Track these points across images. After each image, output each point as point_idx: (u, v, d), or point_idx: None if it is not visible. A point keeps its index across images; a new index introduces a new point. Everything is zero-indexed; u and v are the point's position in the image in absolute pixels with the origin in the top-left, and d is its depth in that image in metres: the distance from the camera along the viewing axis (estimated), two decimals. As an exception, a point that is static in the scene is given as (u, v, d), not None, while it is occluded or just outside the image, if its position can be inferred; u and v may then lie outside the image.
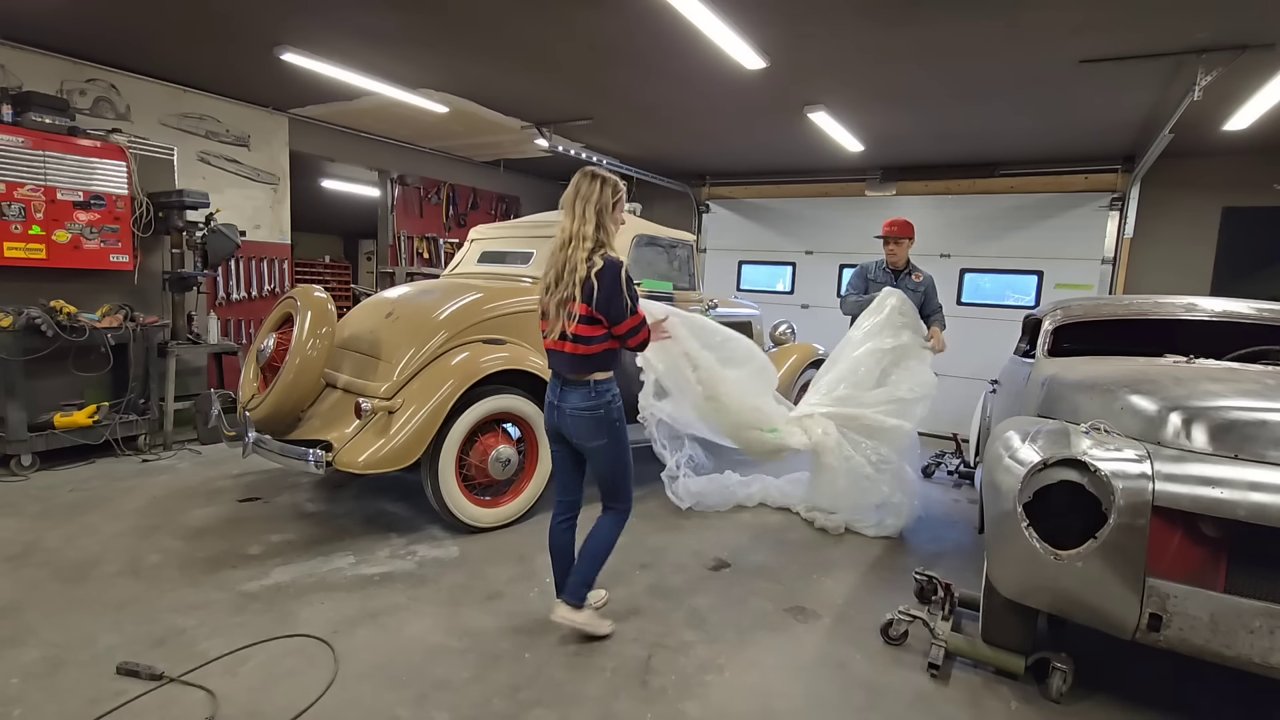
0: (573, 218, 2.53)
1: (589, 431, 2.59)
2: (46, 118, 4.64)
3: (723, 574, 3.47)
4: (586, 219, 2.50)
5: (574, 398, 2.57)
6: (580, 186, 2.55)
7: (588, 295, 2.45)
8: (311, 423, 3.77)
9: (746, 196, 8.94)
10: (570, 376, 2.58)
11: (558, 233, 2.58)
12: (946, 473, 5.71)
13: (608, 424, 2.58)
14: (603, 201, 2.53)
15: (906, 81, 4.78)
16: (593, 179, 2.55)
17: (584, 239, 2.49)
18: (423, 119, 6.48)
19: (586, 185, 2.54)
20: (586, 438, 2.61)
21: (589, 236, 2.49)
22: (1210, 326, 3.42)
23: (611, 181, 2.58)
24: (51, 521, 3.70)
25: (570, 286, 2.47)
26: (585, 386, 2.56)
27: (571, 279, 2.47)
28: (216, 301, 6.31)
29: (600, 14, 3.89)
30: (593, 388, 2.56)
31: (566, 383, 2.60)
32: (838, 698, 2.46)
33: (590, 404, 2.56)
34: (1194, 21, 3.60)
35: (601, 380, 2.58)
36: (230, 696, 2.28)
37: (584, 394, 2.56)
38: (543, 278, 2.61)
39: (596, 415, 2.56)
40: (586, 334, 2.50)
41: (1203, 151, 6.22)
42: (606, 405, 2.58)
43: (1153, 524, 1.98)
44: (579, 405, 2.57)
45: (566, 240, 2.53)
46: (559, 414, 2.64)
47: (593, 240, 2.49)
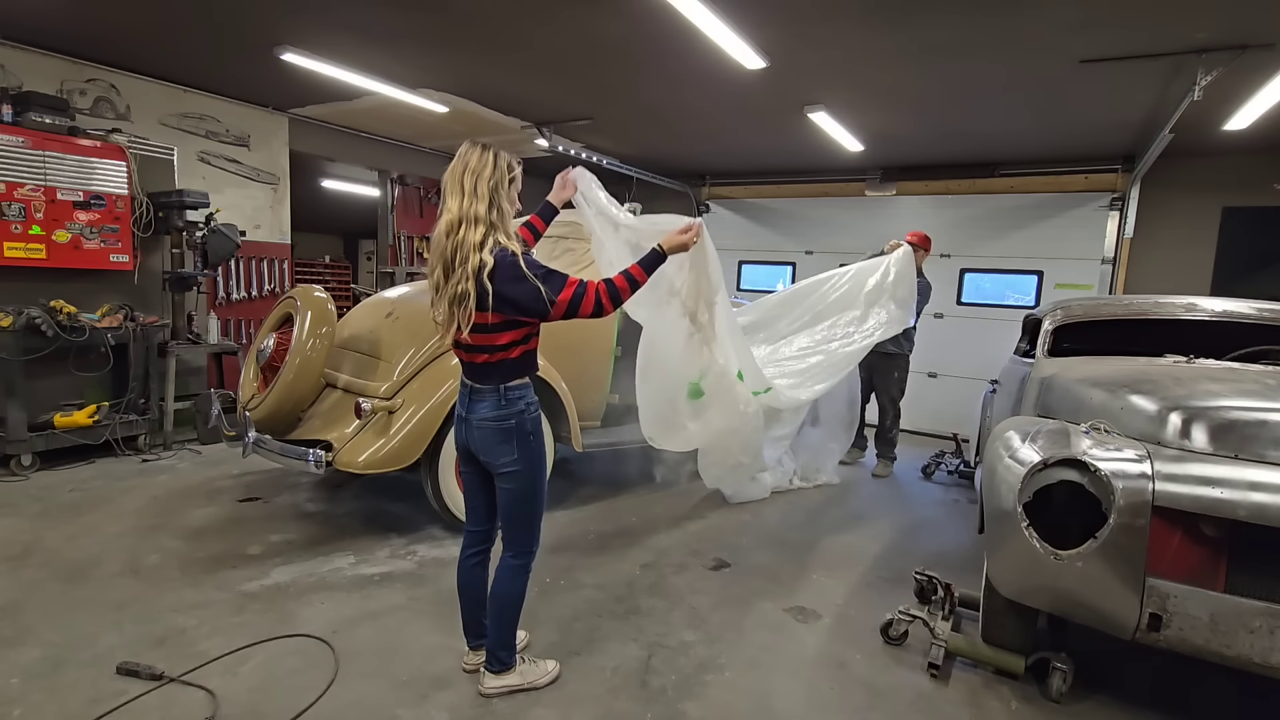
0: (460, 195, 2.08)
1: (495, 447, 2.21)
2: (46, 118, 4.64)
3: (723, 574, 3.47)
4: (478, 196, 2.07)
5: (481, 407, 2.21)
6: (468, 160, 2.12)
7: (482, 300, 2.03)
8: (311, 423, 3.77)
9: (746, 196, 8.94)
10: (476, 383, 2.23)
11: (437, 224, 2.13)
12: (946, 473, 5.71)
13: (519, 438, 2.20)
14: (499, 177, 2.12)
15: (906, 81, 4.78)
16: (484, 150, 2.14)
17: (476, 221, 2.06)
18: (423, 119, 6.48)
19: (477, 157, 2.12)
20: (493, 454, 2.22)
21: (481, 218, 2.06)
22: (1210, 326, 3.42)
23: (505, 156, 2.18)
24: (51, 521, 3.70)
25: (464, 280, 2.03)
26: (494, 394, 2.19)
27: (464, 270, 2.03)
28: (216, 301, 6.31)
29: (600, 14, 3.89)
30: (502, 395, 2.19)
31: (474, 391, 2.23)
32: (838, 698, 2.46)
33: (498, 413, 2.19)
34: (1194, 21, 3.60)
35: (514, 386, 2.20)
36: (230, 696, 2.28)
37: (492, 402, 2.19)
38: (429, 273, 2.17)
39: (505, 427, 2.19)
40: (488, 342, 2.12)
41: (1203, 151, 6.21)
42: (518, 416, 2.20)
43: (1153, 524, 1.98)
44: (485, 416, 2.20)
45: (454, 223, 2.06)
46: (466, 427, 2.27)
47: (485, 223, 2.07)
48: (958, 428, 6.26)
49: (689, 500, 4.54)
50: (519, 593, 2.33)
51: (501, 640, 2.34)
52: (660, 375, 3.80)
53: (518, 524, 2.29)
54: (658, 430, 3.85)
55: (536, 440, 2.24)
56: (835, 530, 4.20)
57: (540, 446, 2.26)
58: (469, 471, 2.38)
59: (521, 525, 2.29)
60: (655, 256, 2.27)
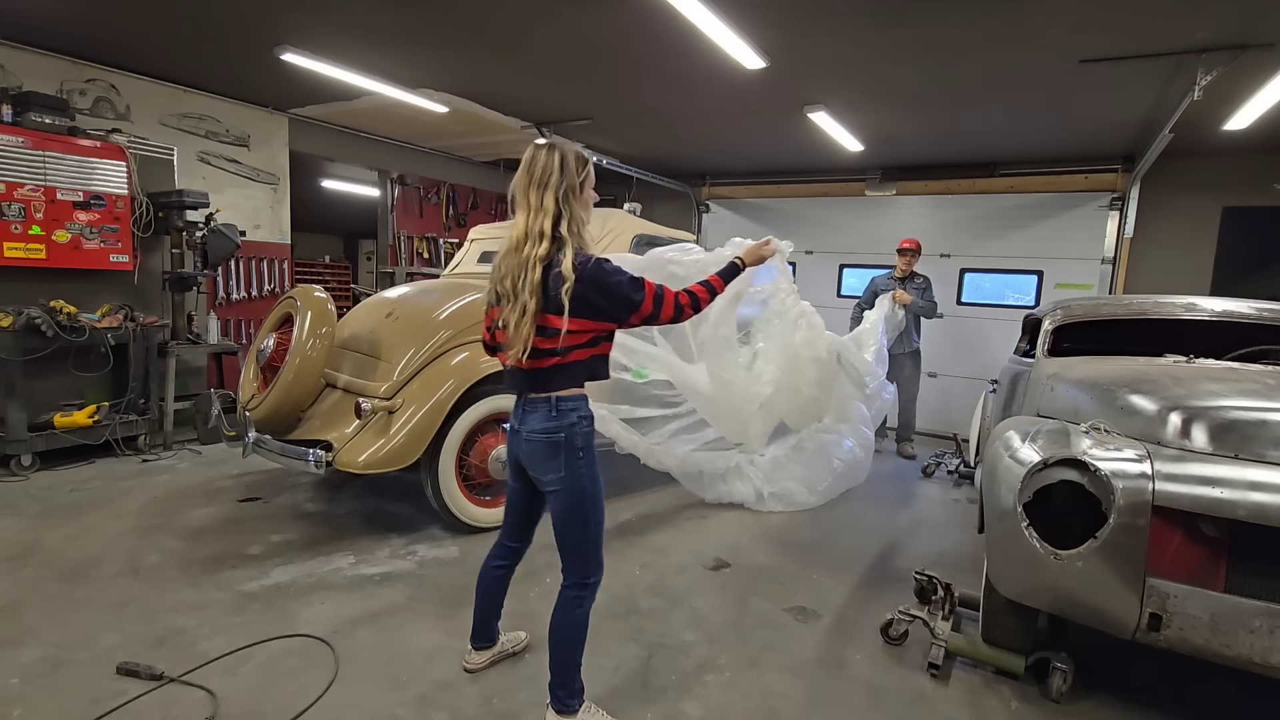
0: (525, 210, 1.97)
1: (543, 462, 2.05)
2: (46, 118, 4.64)
3: (723, 574, 3.47)
4: (544, 210, 1.94)
5: (532, 419, 2.06)
6: (534, 167, 1.97)
7: (554, 306, 1.92)
8: (311, 423, 3.77)
9: (746, 196, 8.94)
10: (531, 393, 2.07)
11: (511, 232, 2.02)
12: (946, 473, 5.71)
13: (567, 453, 2.02)
14: (569, 184, 1.97)
15: (906, 81, 4.78)
16: (550, 154, 1.97)
17: (540, 237, 1.93)
18: (423, 119, 6.48)
19: (542, 166, 1.96)
20: (540, 469, 2.07)
21: (546, 233, 1.94)
22: (1210, 326, 3.42)
23: (574, 155, 2.00)
24: (51, 521, 3.70)
25: (527, 298, 1.92)
26: (546, 405, 2.03)
27: (525, 289, 1.92)
28: (216, 301, 6.31)
29: (600, 14, 3.89)
30: (554, 405, 2.02)
31: (527, 402, 2.09)
32: (838, 698, 2.46)
33: (549, 425, 2.02)
34: (1194, 21, 3.60)
35: (566, 397, 2.03)
36: (230, 696, 2.28)
37: (543, 414, 2.03)
38: (494, 281, 2.08)
39: (553, 441, 2.02)
40: (558, 345, 1.96)
41: (1203, 151, 6.21)
42: (568, 430, 2.02)
43: (1153, 524, 1.98)
44: (535, 428, 2.05)
45: (520, 240, 1.96)
46: (517, 440, 2.14)
47: (551, 238, 1.94)
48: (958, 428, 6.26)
49: (689, 500, 4.54)
50: (578, 626, 2.10)
51: (560, 679, 2.11)
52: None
53: (569, 548, 2.10)
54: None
55: (586, 457, 2.05)
56: (835, 530, 4.20)
57: (589, 465, 2.06)
58: (515, 488, 2.28)
59: (573, 550, 2.10)
60: (734, 268, 2.29)
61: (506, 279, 2.00)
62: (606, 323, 2.02)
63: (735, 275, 2.29)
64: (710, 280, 2.20)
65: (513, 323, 1.97)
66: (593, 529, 2.09)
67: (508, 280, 1.99)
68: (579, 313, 1.93)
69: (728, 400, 4.15)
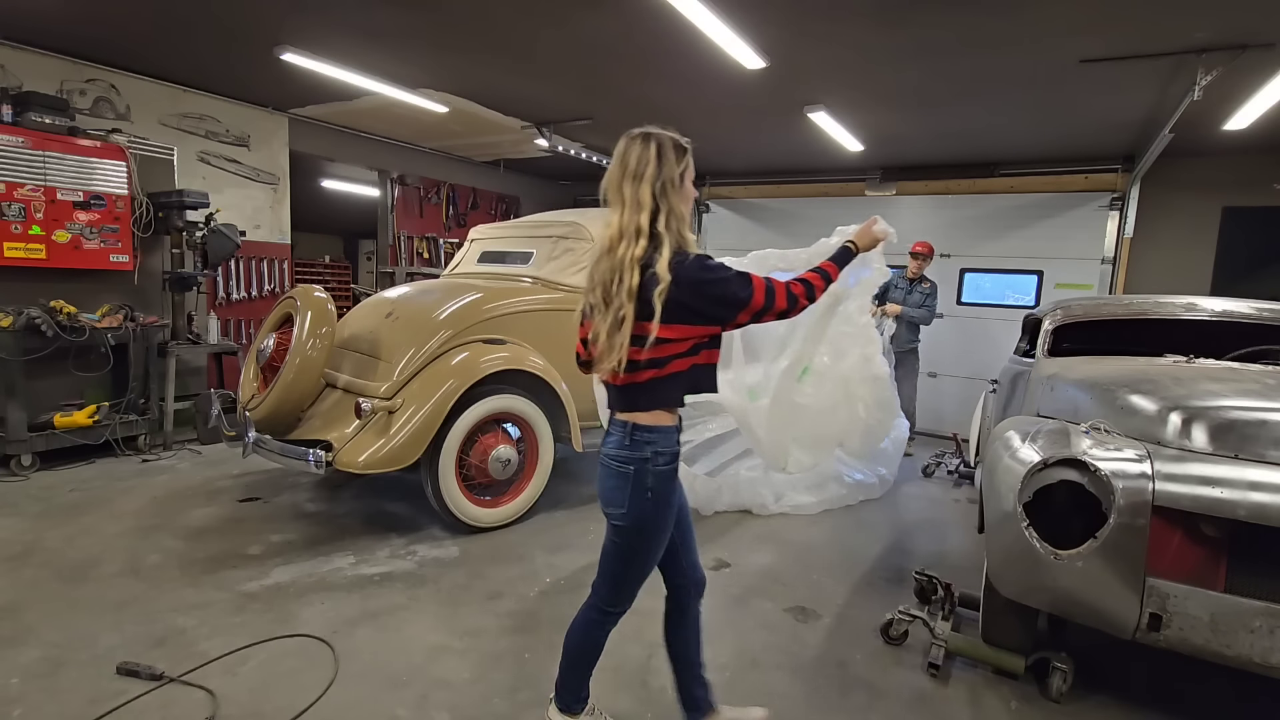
0: (620, 207, 1.78)
1: (610, 491, 1.84)
2: (46, 118, 4.64)
3: (722, 574, 3.47)
4: (639, 206, 1.75)
5: (611, 440, 1.87)
6: (627, 162, 1.78)
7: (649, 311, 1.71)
8: (311, 423, 3.77)
9: (746, 196, 8.94)
10: (616, 413, 1.88)
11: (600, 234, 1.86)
12: (947, 473, 5.71)
13: (634, 489, 1.79)
14: (666, 176, 1.78)
15: (907, 81, 4.78)
16: (645, 144, 1.78)
17: (636, 235, 1.74)
18: (423, 119, 6.48)
19: (636, 157, 1.77)
20: (606, 499, 1.86)
21: (642, 230, 1.74)
22: (1210, 326, 3.42)
23: (670, 144, 1.81)
24: (51, 521, 3.70)
25: (623, 304, 1.72)
26: (623, 429, 1.83)
27: (620, 295, 1.73)
28: (216, 301, 6.31)
29: (600, 14, 3.89)
30: (629, 433, 1.81)
31: (611, 420, 1.91)
32: (838, 698, 2.46)
33: (621, 454, 1.82)
34: (1194, 21, 3.60)
35: (646, 426, 1.80)
36: (230, 696, 2.28)
37: (619, 437, 1.83)
38: (586, 292, 1.88)
39: (623, 473, 1.80)
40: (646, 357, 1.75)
41: (1203, 151, 6.21)
42: (641, 464, 1.79)
43: (1153, 524, 1.97)
44: (609, 451, 1.86)
45: (615, 240, 1.77)
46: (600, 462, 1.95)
47: (648, 235, 1.75)
48: (957, 428, 6.26)
49: (689, 500, 4.54)
50: (594, 646, 2.02)
51: (568, 683, 2.04)
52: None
53: (606, 574, 1.96)
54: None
55: (657, 499, 1.81)
56: (835, 530, 4.20)
57: (657, 509, 1.83)
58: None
59: (609, 578, 1.96)
60: (847, 252, 2.11)
61: (598, 288, 1.80)
62: (709, 326, 1.80)
63: (849, 260, 2.10)
64: (823, 266, 1.99)
65: (604, 333, 1.77)
66: (635, 569, 1.92)
67: (598, 289, 1.79)
68: (676, 317, 1.72)
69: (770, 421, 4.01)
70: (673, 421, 1.84)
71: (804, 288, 1.89)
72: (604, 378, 1.85)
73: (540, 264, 4.52)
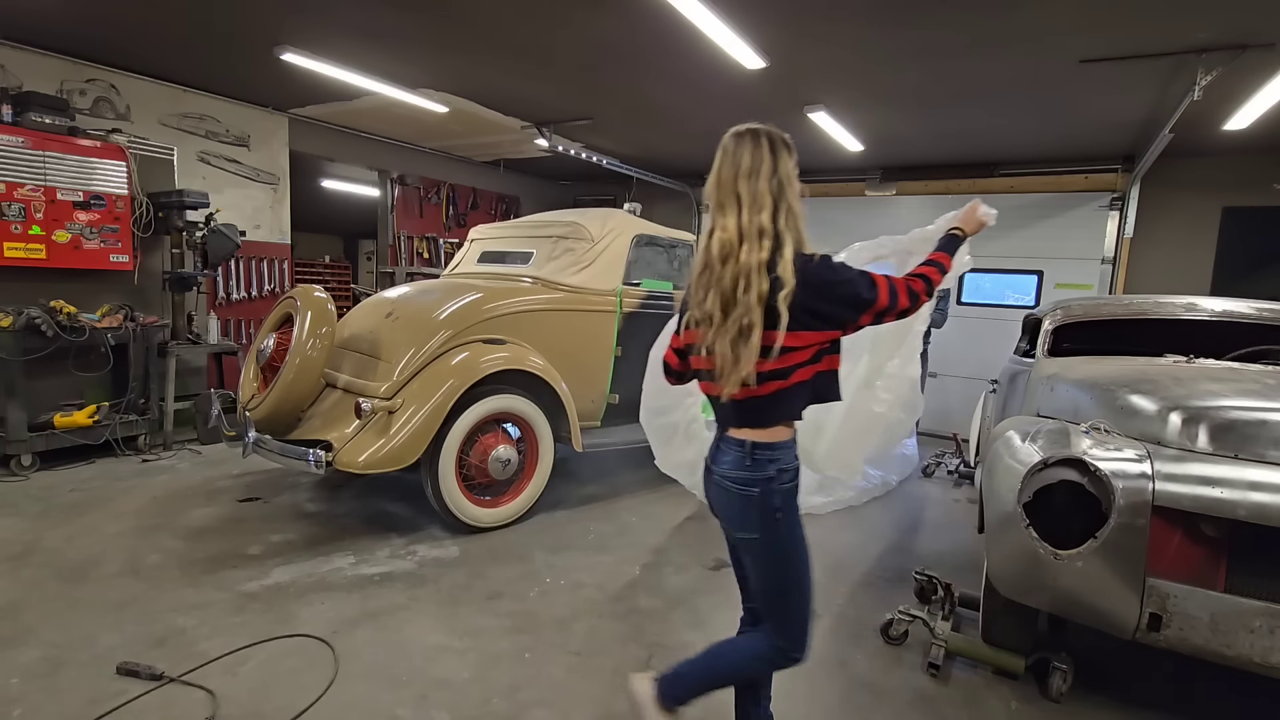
0: (735, 208, 1.65)
1: (735, 515, 1.74)
2: (46, 118, 4.64)
3: (723, 574, 3.47)
4: (758, 204, 1.63)
5: (726, 460, 1.73)
6: (739, 160, 1.67)
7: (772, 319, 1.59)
8: (311, 423, 3.77)
9: (746, 196, 8.93)
10: (729, 430, 1.75)
11: (706, 241, 1.70)
12: (947, 473, 5.71)
13: (763, 512, 1.68)
14: (782, 172, 1.67)
15: (906, 81, 4.79)
16: (755, 141, 1.68)
17: (760, 236, 1.62)
18: (423, 119, 6.48)
19: (749, 153, 1.67)
20: (732, 522, 1.77)
21: (766, 230, 1.62)
22: (1210, 326, 3.42)
23: (780, 139, 1.71)
24: (51, 521, 3.70)
25: (748, 313, 1.59)
26: (740, 448, 1.70)
27: (746, 302, 1.59)
28: (216, 301, 6.31)
29: (600, 14, 3.89)
30: (749, 452, 1.68)
31: (724, 437, 1.77)
32: (838, 698, 2.46)
33: (741, 475, 1.69)
34: (1194, 21, 3.60)
35: (766, 443, 1.68)
36: (230, 696, 2.28)
37: (737, 457, 1.70)
38: (693, 304, 1.73)
39: (747, 496, 1.69)
40: (769, 368, 1.62)
41: (1203, 151, 6.21)
42: (765, 484, 1.67)
43: (1153, 524, 1.98)
44: (726, 472, 1.73)
45: (733, 244, 1.63)
46: (708, 478, 1.82)
47: (771, 236, 1.62)
48: (957, 428, 6.26)
49: (689, 500, 4.54)
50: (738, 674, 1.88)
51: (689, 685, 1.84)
52: None
53: (775, 615, 1.78)
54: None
55: (786, 517, 1.70)
56: (835, 530, 4.20)
57: (790, 526, 1.72)
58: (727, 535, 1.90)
59: (779, 617, 1.77)
60: (956, 239, 2.01)
61: (710, 298, 1.65)
62: (831, 331, 1.67)
63: (958, 248, 1.98)
64: (935, 258, 1.89)
65: (725, 346, 1.62)
66: (796, 599, 1.76)
67: (712, 299, 1.65)
68: (801, 323, 1.60)
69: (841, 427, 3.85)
70: (791, 435, 1.72)
71: (923, 284, 1.77)
72: (725, 396, 1.66)
73: (540, 264, 4.52)
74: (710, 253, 1.67)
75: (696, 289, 1.72)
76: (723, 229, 1.66)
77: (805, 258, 1.64)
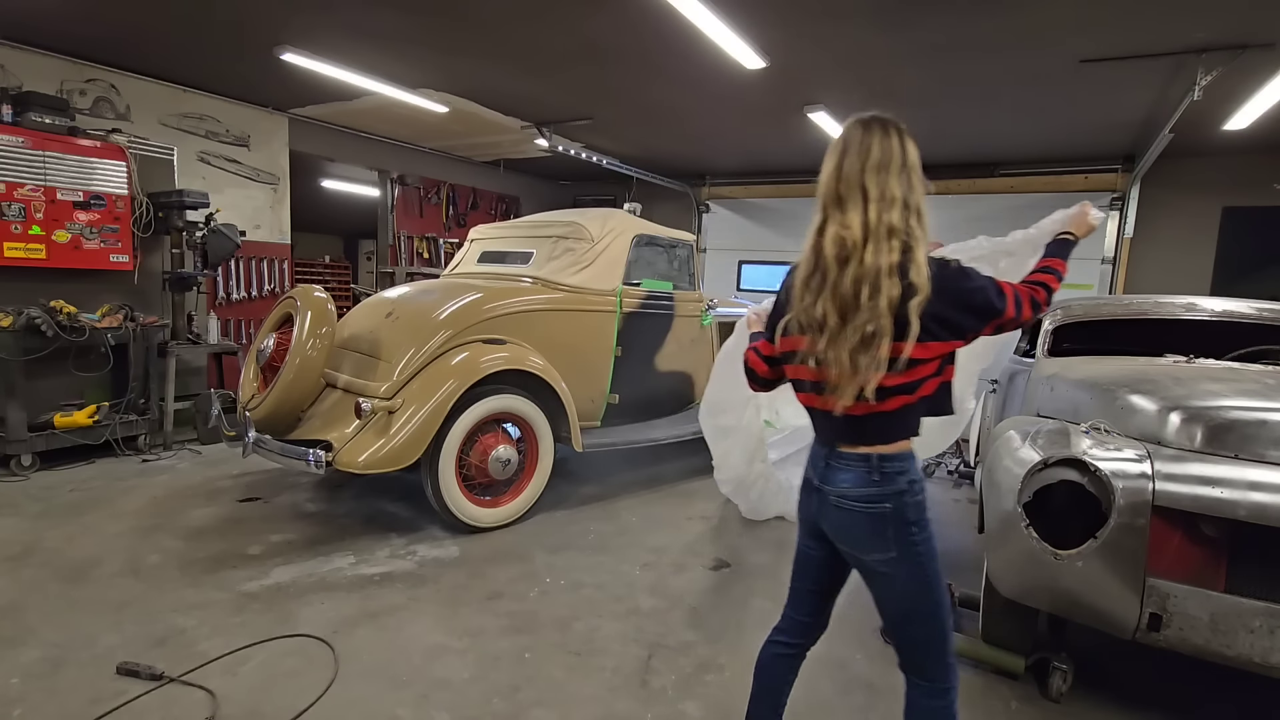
0: (860, 204, 1.49)
1: (864, 536, 1.59)
2: (46, 118, 4.64)
3: (722, 574, 3.47)
4: (887, 200, 1.48)
5: (845, 478, 1.59)
6: (867, 150, 1.53)
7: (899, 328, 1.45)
8: (311, 423, 3.77)
9: (746, 196, 8.94)
10: (843, 446, 1.60)
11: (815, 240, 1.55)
12: (946, 473, 5.71)
13: (897, 529, 1.56)
14: (910, 166, 1.53)
15: (906, 81, 4.79)
16: (884, 130, 1.55)
17: (889, 236, 1.47)
18: (423, 119, 6.49)
19: (878, 143, 1.53)
20: (861, 546, 1.61)
21: (896, 228, 1.47)
22: (1210, 326, 3.42)
23: (908, 131, 1.57)
24: (51, 521, 3.70)
25: (874, 319, 1.44)
26: (863, 463, 1.56)
27: (873, 309, 1.44)
28: (216, 301, 6.31)
29: (600, 14, 3.89)
30: (875, 466, 1.55)
31: (834, 454, 1.62)
32: (838, 698, 2.46)
33: (869, 491, 1.56)
34: (1194, 21, 3.60)
35: (892, 455, 1.55)
36: (230, 696, 2.28)
37: (861, 474, 1.57)
38: (796, 308, 1.58)
39: (878, 513, 1.56)
40: (895, 382, 1.49)
41: (1203, 151, 6.22)
42: (896, 498, 1.55)
43: (1153, 524, 1.97)
44: (849, 492, 1.58)
45: (857, 244, 1.48)
46: (819, 500, 1.66)
47: (903, 236, 1.47)
48: (958, 428, 6.25)
49: (689, 500, 4.54)
50: None
51: None
52: None
53: (913, 644, 1.66)
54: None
55: (922, 530, 1.58)
56: (835, 530, 4.20)
57: (927, 540, 1.60)
58: (809, 550, 1.78)
59: (919, 647, 1.65)
60: (1068, 244, 1.90)
61: (820, 303, 1.51)
62: (955, 341, 1.56)
63: (1070, 252, 1.87)
64: (1052, 265, 1.79)
65: (844, 356, 1.47)
66: (941, 620, 1.64)
67: (825, 303, 1.49)
68: (930, 334, 1.48)
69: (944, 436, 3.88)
70: (911, 446, 1.60)
71: (1045, 294, 1.67)
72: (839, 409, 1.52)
73: (540, 264, 4.52)
74: (823, 253, 1.51)
75: (802, 292, 1.56)
76: (843, 226, 1.50)
77: (939, 262, 1.51)
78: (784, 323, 1.65)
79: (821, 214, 1.56)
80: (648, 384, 4.80)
